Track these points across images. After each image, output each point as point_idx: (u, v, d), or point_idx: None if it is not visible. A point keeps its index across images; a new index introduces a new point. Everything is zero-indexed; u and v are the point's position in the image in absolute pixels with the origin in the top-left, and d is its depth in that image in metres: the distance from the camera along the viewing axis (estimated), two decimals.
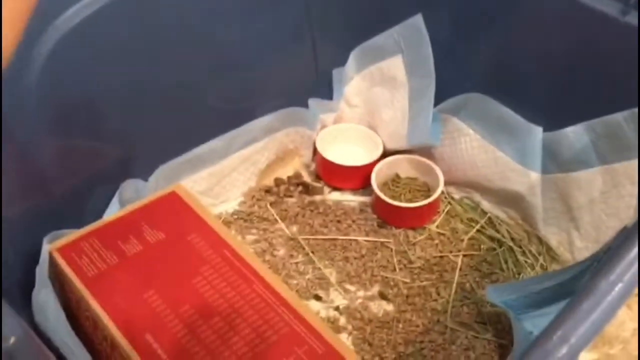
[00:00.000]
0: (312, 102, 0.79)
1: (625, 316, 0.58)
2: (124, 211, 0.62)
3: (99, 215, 0.64)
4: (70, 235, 0.60)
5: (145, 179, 0.68)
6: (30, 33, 0.53)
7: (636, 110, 0.58)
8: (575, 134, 0.64)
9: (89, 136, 0.62)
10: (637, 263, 0.34)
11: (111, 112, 0.63)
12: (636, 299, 0.58)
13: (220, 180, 0.75)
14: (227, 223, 0.75)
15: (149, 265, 0.57)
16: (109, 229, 0.61)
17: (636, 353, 0.58)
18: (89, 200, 0.64)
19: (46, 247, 0.58)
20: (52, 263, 0.58)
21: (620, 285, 0.32)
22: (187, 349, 0.51)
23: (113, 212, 0.64)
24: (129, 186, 0.66)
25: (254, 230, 0.75)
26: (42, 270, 0.57)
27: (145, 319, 0.53)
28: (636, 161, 0.60)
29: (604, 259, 0.36)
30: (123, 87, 0.62)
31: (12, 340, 0.34)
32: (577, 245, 0.68)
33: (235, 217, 0.76)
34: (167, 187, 0.65)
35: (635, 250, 0.34)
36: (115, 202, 0.65)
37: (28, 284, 0.57)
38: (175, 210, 0.62)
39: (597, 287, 0.32)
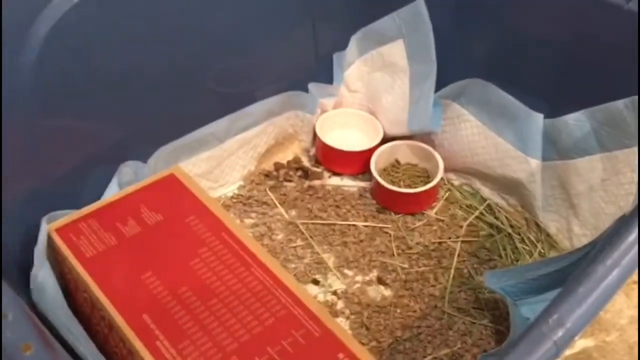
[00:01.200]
0: (312, 86, 0.79)
1: (622, 304, 0.58)
2: (123, 193, 0.62)
3: (98, 197, 0.64)
4: (69, 216, 0.59)
5: (145, 161, 0.68)
6: (27, 14, 0.54)
7: (637, 97, 0.58)
8: (576, 121, 0.64)
9: (87, 117, 0.62)
10: (635, 248, 0.34)
11: (111, 94, 0.62)
12: (634, 286, 0.58)
13: (219, 163, 0.75)
14: (226, 206, 0.75)
15: (147, 246, 0.57)
16: (108, 210, 0.60)
17: (632, 341, 0.58)
18: (88, 182, 0.64)
19: (44, 228, 0.58)
20: (51, 243, 0.58)
21: (617, 270, 0.32)
22: (184, 330, 0.51)
23: (112, 193, 0.63)
24: (128, 168, 0.66)
25: (253, 214, 0.75)
26: (40, 251, 0.57)
27: (142, 300, 0.53)
28: (637, 148, 0.60)
29: (601, 245, 0.36)
30: (122, 69, 0.62)
31: (10, 317, 0.34)
32: (576, 233, 0.68)
33: (234, 200, 0.76)
34: (166, 169, 0.65)
35: (634, 235, 0.33)
36: (114, 183, 0.65)
37: (26, 264, 0.57)
38: (173, 193, 0.62)
39: (594, 272, 0.32)
